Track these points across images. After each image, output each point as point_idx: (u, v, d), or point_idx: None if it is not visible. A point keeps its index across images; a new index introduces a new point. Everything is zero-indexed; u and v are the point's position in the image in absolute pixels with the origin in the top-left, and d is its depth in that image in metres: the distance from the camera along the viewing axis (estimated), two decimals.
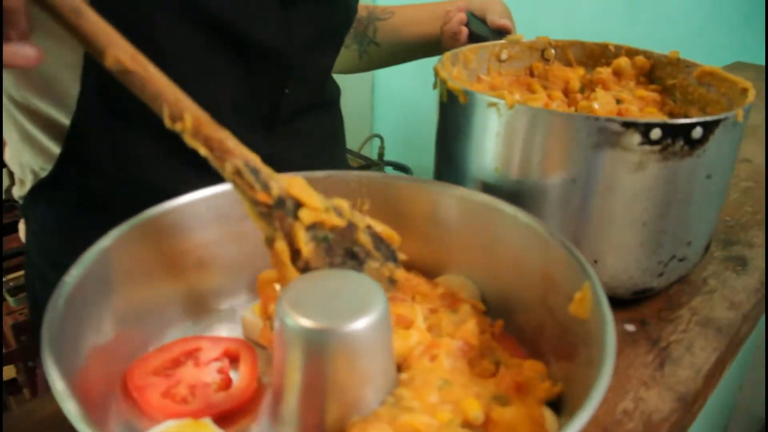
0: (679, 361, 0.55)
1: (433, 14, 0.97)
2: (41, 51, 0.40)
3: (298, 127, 0.81)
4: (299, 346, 0.41)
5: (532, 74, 0.79)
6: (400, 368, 0.46)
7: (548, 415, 0.43)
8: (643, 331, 0.59)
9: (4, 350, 1.41)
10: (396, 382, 0.45)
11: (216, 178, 0.46)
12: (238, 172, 0.43)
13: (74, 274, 0.41)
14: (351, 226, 0.48)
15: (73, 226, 0.73)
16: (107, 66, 0.39)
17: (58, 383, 0.33)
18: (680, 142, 0.52)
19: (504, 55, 0.77)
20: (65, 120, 0.66)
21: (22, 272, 1.62)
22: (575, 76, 0.76)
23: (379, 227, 0.50)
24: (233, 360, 0.50)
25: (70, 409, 0.31)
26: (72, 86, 0.64)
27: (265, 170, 0.44)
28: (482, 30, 0.88)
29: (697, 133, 0.52)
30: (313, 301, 0.42)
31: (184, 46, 0.65)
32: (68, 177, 0.70)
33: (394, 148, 2.49)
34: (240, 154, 0.43)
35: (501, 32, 0.86)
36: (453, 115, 0.60)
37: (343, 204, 0.48)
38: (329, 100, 0.91)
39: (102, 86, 0.64)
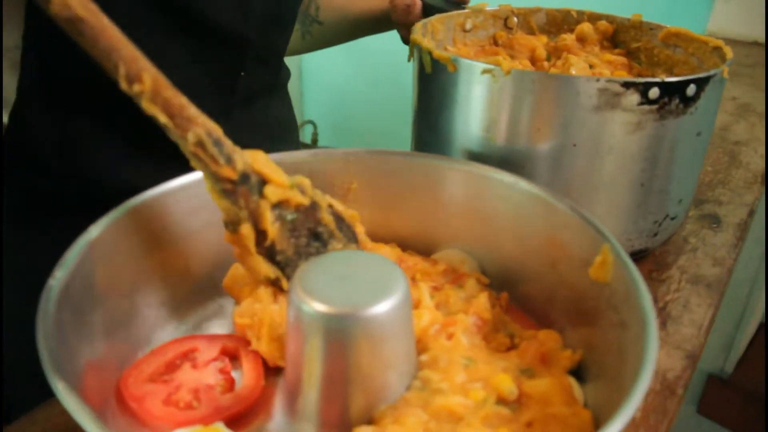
0: (680, 319, 0.55)
1: None
2: None
3: (255, 112, 0.77)
4: (318, 334, 0.38)
5: (496, 43, 0.78)
6: (417, 350, 0.44)
7: (574, 383, 0.42)
8: None
9: None
10: (417, 365, 0.42)
11: (174, 171, 0.43)
12: (200, 144, 0.39)
13: (59, 276, 0.37)
14: (314, 205, 0.46)
15: (13, 233, 0.67)
16: (52, 12, 0.34)
17: (72, 401, 0.29)
18: (676, 101, 0.52)
19: (468, 25, 0.76)
20: (2, 115, 0.60)
21: None
22: (540, 43, 0.75)
23: (340, 206, 0.48)
24: (232, 358, 0.47)
25: (93, 428, 0.28)
26: (8, 75, 0.58)
27: (228, 143, 0.41)
28: (437, 1, 0.86)
29: (691, 90, 0.52)
30: (330, 285, 0.39)
31: (131, 26, 0.60)
32: (7, 177, 0.64)
33: (326, 133, 2.46)
34: (202, 123, 0.39)
35: (457, 3, 0.85)
36: (439, 85, 0.57)
37: (305, 181, 0.46)
38: (282, 84, 0.87)
39: (44, 72, 0.58)
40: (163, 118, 0.38)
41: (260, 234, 0.43)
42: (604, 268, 0.42)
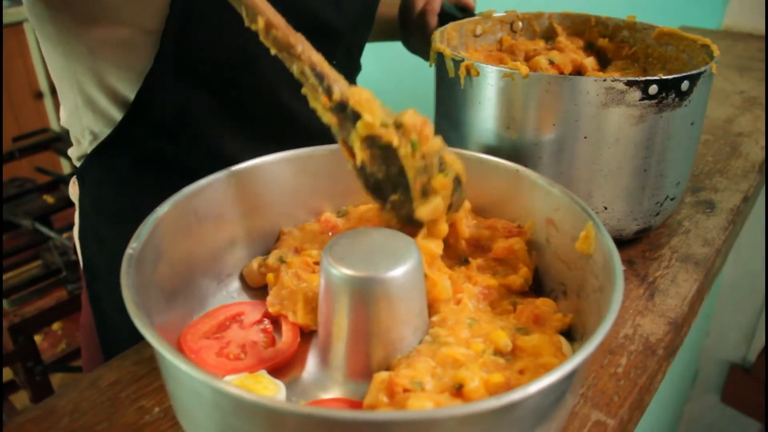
0: (666, 291, 0.62)
1: None
2: None
3: None
4: (345, 294, 0.46)
5: (501, 48, 0.84)
6: (430, 313, 0.51)
7: (563, 341, 0.49)
8: (632, 270, 0.65)
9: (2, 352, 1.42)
10: (429, 324, 0.50)
11: (270, 148, 0.55)
12: (303, 74, 0.50)
13: (135, 246, 0.45)
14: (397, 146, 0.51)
15: (131, 183, 0.77)
16: None
17: (154, 336, 0.37)
18: (672, 95, 0.59)
19: (479, 31, 0.83)
20: (133, 86, 0.69)
21: (15, 272, 1.63)
22: (537, 47, 0.82)
23: (452, 158, 0.53)
24: (273, 321, 0.55)
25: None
26: (146, 53, 0.67)
27: (332, 75, 0.50)
28: (451, 9, 0.93)
29: (685, 85, 0.59)
30: (354, 254, 0.47)
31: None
32: (130, 138, 0.73)
33: None
34: (307, 59, 0.49)
35: (468, 10, 0.92)
36: (461, 88, 0.65)
37: (411, 121, 0.50)
38: (355, 74, 0.96)
39: (177, 51, 0.67)
40: (273, 50, 0.49)
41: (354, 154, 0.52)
42: (587, 242, 0.49)
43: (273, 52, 0.49)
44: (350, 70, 0.90)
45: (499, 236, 0.57)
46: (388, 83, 2.33)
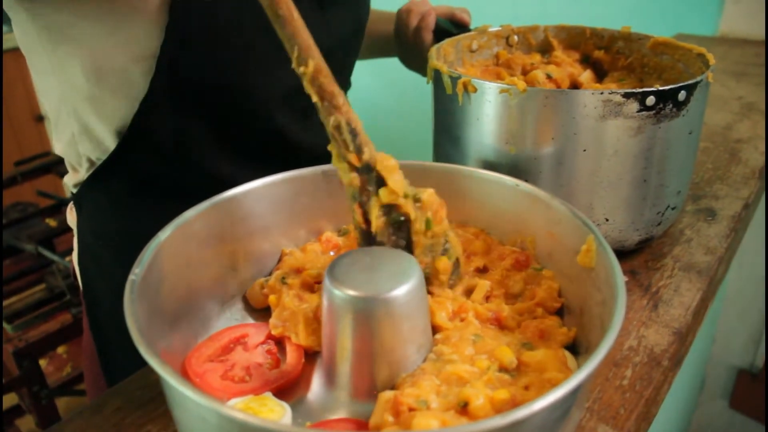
0: (670, 301, 0.62)
1: (384, 15, 1.03)
2: None
3: None
4: (348, 314, 0.46)
5: (497, 62, 0.85)
6: (434, 330, 0.51)
7: (568, 355, 0.49)
8: (635, 281, 0.65)
9: (5, 379, 1.42)
10: (433, 342, 0.50)
11: (265, 170, 0.53)
12: (338, 128, 0.48)
13: (137, 272, 0.45)
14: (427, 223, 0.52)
15: (128, 208, 0.78)
16: (265, 2, 0.44)
17: (158, 363, 0.37)
18: (669, 105, 0.59)
19: (475, 46, 0.83)
20: (129, 112, 0.70)
21: (19, 297, 1.63)
22: (533, 60, 0.83)
23: (455, 241, 0.55)
24: (277, 342, 0.55)
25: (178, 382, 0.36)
26: (141, 79, 0.68)
27: (364, 136, 0.49)
28: (447, 25, 0.94)
29: (682, 96, 0.59)
30: (356, 274, 0.47)
31: (251, 40, 0.71)
32: (127, 164, 0.74)
33: None
34: (345, 113, 0.48)
35: (463, 26, 0.92)
36: (460, 104, 0.65)
37: (429, 200, 0.52)
38: (346, 91, 0.97)
39: (172, 75, 0.68)
40: (314, 98, 0.48)
41: (367, 221, 0.51)
42: (589, 255, 0.49)
43: (314, 99, 0.48)
44: (342, 88, 0.92)
45: (507, 264, 0.57)
46: (388, 98, 2.34)
